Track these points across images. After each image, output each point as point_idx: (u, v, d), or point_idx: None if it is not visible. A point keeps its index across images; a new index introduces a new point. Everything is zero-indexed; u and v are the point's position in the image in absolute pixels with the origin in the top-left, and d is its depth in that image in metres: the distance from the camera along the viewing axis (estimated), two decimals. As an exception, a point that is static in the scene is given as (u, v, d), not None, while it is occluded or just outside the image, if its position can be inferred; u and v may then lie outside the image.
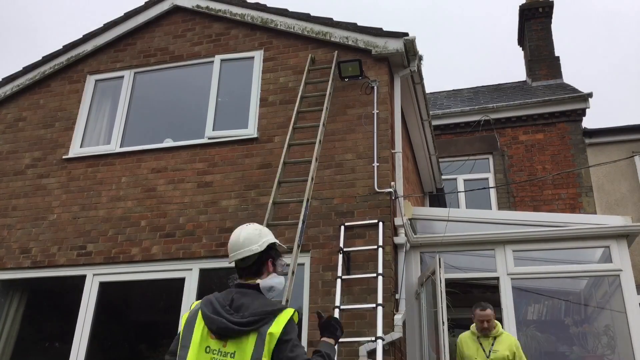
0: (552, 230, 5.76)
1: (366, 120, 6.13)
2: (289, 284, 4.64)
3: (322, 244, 5.63)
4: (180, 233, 6.14)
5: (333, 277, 5.32)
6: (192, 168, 6.46)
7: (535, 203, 10.35)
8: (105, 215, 6.49)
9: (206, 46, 7.20)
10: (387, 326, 5.04)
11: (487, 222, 6.14)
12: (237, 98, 6.81)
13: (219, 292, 2.67)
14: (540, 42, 12.96)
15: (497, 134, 11.09)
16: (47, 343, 6.59)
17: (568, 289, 6.58)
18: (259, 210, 5.95)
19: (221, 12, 7.21)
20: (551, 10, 13.18)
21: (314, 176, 5.56)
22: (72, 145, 7.13)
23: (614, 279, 5.61)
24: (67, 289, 6.56)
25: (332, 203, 5.82)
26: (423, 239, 6.07)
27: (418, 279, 5.89)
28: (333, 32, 6.64)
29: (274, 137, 6.33)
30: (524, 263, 5.84)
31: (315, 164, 5.62)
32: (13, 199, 6.95)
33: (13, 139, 7.43)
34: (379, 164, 5.84)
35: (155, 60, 7.37)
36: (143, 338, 6.32)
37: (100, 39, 7.63)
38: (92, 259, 6.29)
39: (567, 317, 6.42)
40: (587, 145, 10.60)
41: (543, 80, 12.59)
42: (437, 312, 5.05)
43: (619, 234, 5.58)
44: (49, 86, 7.68)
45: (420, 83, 6.94)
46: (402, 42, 6.29)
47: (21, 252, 6.57)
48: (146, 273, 6.11)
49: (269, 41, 6.97)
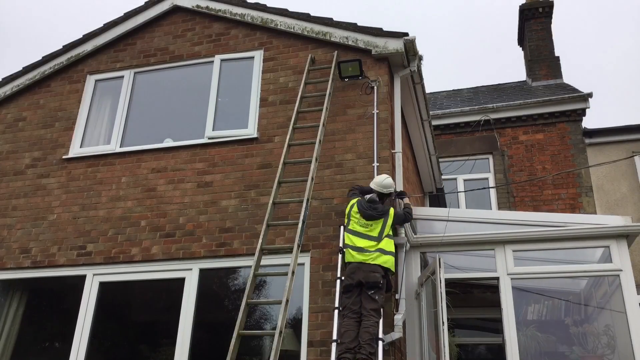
0: (552, 230, 5.76)
1: (367, 113, 6.15)
2: (289, 284, 4.64)
3: (322, 244, 5.63)
4: (180, 233, 6.14)
5: (333, 277, 5.32)
6: (192, 168, 6.47)
7: (535, 203, 10.35)
8: (105, 215, 6.49)
9: (206, 46, 7.20)
10: (387, 326, 5.05)
11: (487, 222, 6.14)
12: (237, 98, 6.82)
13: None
14: (540, 42, 12.96)
15: (497, 134, 11.09)
16: (47, 343, 6.59)
17: (568, 289, 6.58)
18: (259, 210, 5.95)
19: (221, 12, 7.22)
20: (551, 10, 13.18)
21: (314, 176, 5.56)
22: (72, 145, 7.14)
23: (613, 279, 5.60)
24: (67, 289, 6.56)
25: (332, 203, 5.82)
26: (423, 239, 6.07)
27: (418, 279, 5.89)
28: (333, 32, 6.64)
29: (274, 137, 6.34)
30: (524, 263, 5.84)
31: (315, 164, 5.62)
32: (13, 199, 6.95)
33: (13, 139, 7.43)
34: (379, 164, 5.85)
35: (155, 60, 7.37)
36: (143, 338, 6.32)
37: (100, 39, 7.63)
38: (92, 259, 6.29)
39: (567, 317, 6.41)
40: (587, 145, 10.60)
41: (543, 80, 12.59)
42: (437, 312, 5.05)
43: (619, 234, 5.57)
44: (49, 86, 7.68)
45: (420, 83, 6.94)
46: (402, 42, 6.29)
47: (21, 252, 6.57)
48: (146, 273, 6.11)
49: (269, 41, 6.97)
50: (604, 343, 5.76)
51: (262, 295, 5.97)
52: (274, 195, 5.49)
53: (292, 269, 4.73)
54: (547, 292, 6.57)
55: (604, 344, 5.75)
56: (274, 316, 5.77)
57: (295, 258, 4.80)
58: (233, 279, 6.24)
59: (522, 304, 6.28)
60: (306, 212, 5.19)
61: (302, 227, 5.05)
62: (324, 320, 5.22)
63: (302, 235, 5.05)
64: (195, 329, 5.70)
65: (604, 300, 6.03)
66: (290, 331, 5.50)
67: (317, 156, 5.60)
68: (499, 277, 5.69)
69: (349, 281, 4.99)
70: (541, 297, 6.52)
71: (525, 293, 6.27)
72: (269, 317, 5.89)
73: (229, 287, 6.29)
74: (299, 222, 5.06)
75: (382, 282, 4.95)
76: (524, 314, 6.42)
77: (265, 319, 5.93)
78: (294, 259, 4.80)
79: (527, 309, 6.49)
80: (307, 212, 5.27)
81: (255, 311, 5.87)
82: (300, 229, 5.01)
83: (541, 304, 6.55)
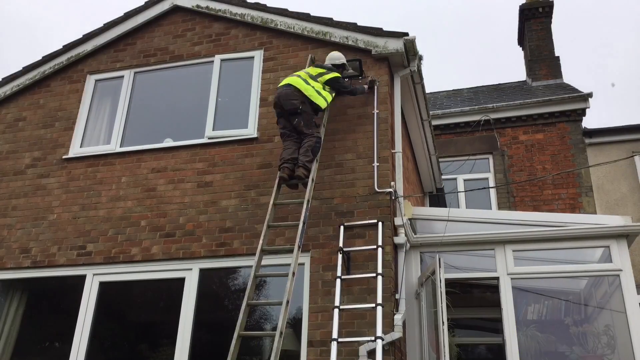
0: (552, 230, 5.76)
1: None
2: (289, 285, 4.65)
3: (322, 244, 5.63)
4: (180, 233, 6.14)
5: (333, 277, 5.32)
6: (192, 168, 6.47)
7: (535, 203, 10.35)
8: (105, 215, 6.49)
9: (206, 46, 7.20)
10: (387, 326, 5.05)
11: (487, 222, 6.14)
12: (237, 98, 6.81)
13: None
14: (540, 42, 12.96)
15: (497, 134, 11.09)
16: (47, 343, 6.59)
17: (568, 289, 6.58)
18: (259, 210, 5.95)
19: (221, 12, 7.21)
20: (551, 10, 13.18)
21: (314, 177, 5.57)
22: (72, 145, 7.13)
23: (613, 279, 5.60)
24: (67, 289, 6.56)
25: (332, 203, 5.82)
26: (423, 239, 6.07)
27: (418, 279, 5.89)
28: (333, 32, 6.64)
29: (274, 137, 6.33)
30: (524, 263, 5.84)
31: (316, 165, 5.63)
32: (13, 199, 6.95)
33: (13, 139, 7.43)
34: (379, 164, 5.85)
35: (155, 60, 7.37)
36: (143, 338, 6.32)
37: (100, 38, 7.63)
38: (92, 258, 6.29)
39: (567, 317, 6.41)
40: (587, 145, 10.60)
41: (543, 80, 12.59)
42: (437, 312, 5.05)
43: (618, 234, 5.57)
44: (49, 86, 7.68)
45: (420, 83, 6.94)
46: (402, 42, 6.29)
47: (21, 252, 6.57)
48: (146, 273, 6.11)
49: (269, 41, 6.97)
50: (604, 343, 5.76)
51: (261, 295, 5.97)
52: (275, 196, 5.50)
53: (292, 269, 4.73)
54: (547, 292, 6.56)
55: (604, 344, 5.75)
56: (274, 316, 5.77)
57: (296, 259, 4.80)
58: (233, 279, 6.24)
59: (522, 304, 6.28)
60: (307, 214, 5.19)
61: (303, 228, 5.05)
62: (324, 320, 5.22)
63: (303, 236, 5.05)
64: (195, 329, 5.70)
65: (604, 300, 6.03)
66: (290, 331, 5.49)
67: (317, 157, 5.60)
68: (499, 277, 5.70)
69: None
70: (541, 297, 6.51)
71: (525, 293, 6.26)
72: (269, 317, 5.89)
73: (229, 287, 6.29)
74: (300, 222, 5.05)
75: (300, 109, 5.64)
76: (524, 314, 6.42)
77: (265, 319, 5.93)
78: (295, 260, 4.80)
79: (527, 309, 6.49)
80: (308, 213, 5.28)
81: (255, 311, 5.86)
82: (301, 230, 5.01)
83: (541, 304, 6.54)
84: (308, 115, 5.70)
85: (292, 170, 5.50)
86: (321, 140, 5.78)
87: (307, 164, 5.50)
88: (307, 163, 5.50)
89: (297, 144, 5.66)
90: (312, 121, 5.73)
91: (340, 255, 5.35)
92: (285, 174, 5.49)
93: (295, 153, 5.59)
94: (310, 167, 5.53)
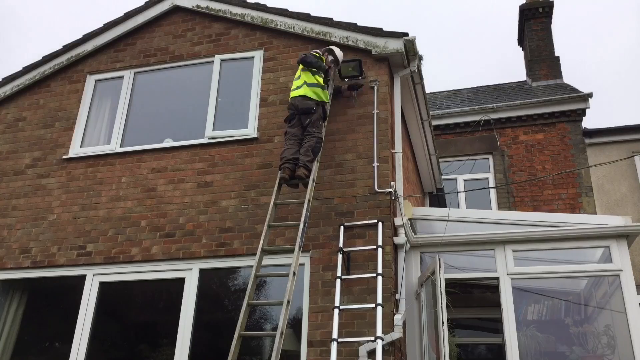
0: (552, 230, 5.76)
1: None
2: (290, 285, 4.64)
3: (322, 244, 5.63)
4: (180, 233, 6.14)
5: (333, 277, 5.32)
6: (192, 168, 6.47)
7: (535, 203, 10.35)
8: (105, 215, 6.49)
9: (206, 46, 7.20)
10: (387, 326, 5.05)
11: (487, 222, 6.14)
12: (237, 98, 6.82)
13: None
14: (540, 42, 12.96)
15: (497, 134, 11.09)
16: (47, 343, 6.59)
17: (568, 289, 6.57)
18: (259, 210, 5.95)
19: (221, 12, 7.21)
20: (551, 10, 13.18)
21: (315, 177, 5.57)
22: (72, 145, 7.14)
23: (614, 279, 5.60)
24: (67, 289, 6.56)
25: (332, 203, 5.82)
26: (423, 239, 6.07)
27: (418, 279, 5.89)
28: (333, 32, 6.64)
29: (274, 137, 6.34)
30: (524, 263, 5.84)
31: (316, 164, 5.63)
32: (13, 199, 6.95)
33: (13, 139, 7.43)
34: (379, 164, 5.85)
35: (155, 60, 7.37)
36: (143, 338, 6.32)
37: (100, 39, 7.63)
38: (92, 259, 6.29)
39: (567, 317, 6.41)
40: (587, 145, 10.60)
41: (543, 80, 12.59)
42: (437, 312, 5.05)
43: (618, 234, 5.57)
44: (49, 86, 7.68)
45: (420, 83, 6.94)
46: (402, 42, 6.29)
47: (21, 252, 6.57)
48: (146, 273, 6.11)
49: (269, 41, 6.97)
50: (604, 343, 5.76)
51: (262, 295, 5.97)
52: (275, 196, 5.50)
53: (293, 270, 4.73)
54: (547, 292, 6.56)
55: (604, 344, 5.75)
56: (274, 316, 5.77)
57: (296, 259, 4.80)
58: (233, 279, 6.24)
59: (522, 304, 6.28)
60: (307, 214, 5.19)
61: (304, 228, 5.05)
62: (324, 320, 5.22)
63: (303, 237, 5.05)
64: (195, 329, 5.70)
65: (604, 300, 6.03)
66: (290, 331, 5.49)
67: (318, 157, 5.60)
68: (499, 277, 5.69)
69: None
70: (541, 297, 6.51)
71: (525, 293, 6.26)
72: (269, 317, 5.90)
73: (229, 287, 6.29)
74: (300, 223, 5.05)
75: (314, 109, 5.78)
76: (524, 314, 6.42)
77: (266, 319, 5.93)
78: (295, 260, 4.80)
79: (527, 309, 6.49)
80: (308, 213, 5.27)
81: (255, 311, 5.86)
82: (301, 231, 5.01)
83: (541, 304, 6.54)
84: (318, 116, 5.84)
85: (293, 171, 5.53)
86: (322, 141, 5.79)
87: (307, 163, 5.53)
88: (308, 163, 5.54)
89: (299, 144, 5.73)
90: (319, 122, 5.85)
91: (340, 255, 5.36)
92: (286, 174, 5.53)
93: (297, 153, 5.63)
94: (311, 167, 5.56)
